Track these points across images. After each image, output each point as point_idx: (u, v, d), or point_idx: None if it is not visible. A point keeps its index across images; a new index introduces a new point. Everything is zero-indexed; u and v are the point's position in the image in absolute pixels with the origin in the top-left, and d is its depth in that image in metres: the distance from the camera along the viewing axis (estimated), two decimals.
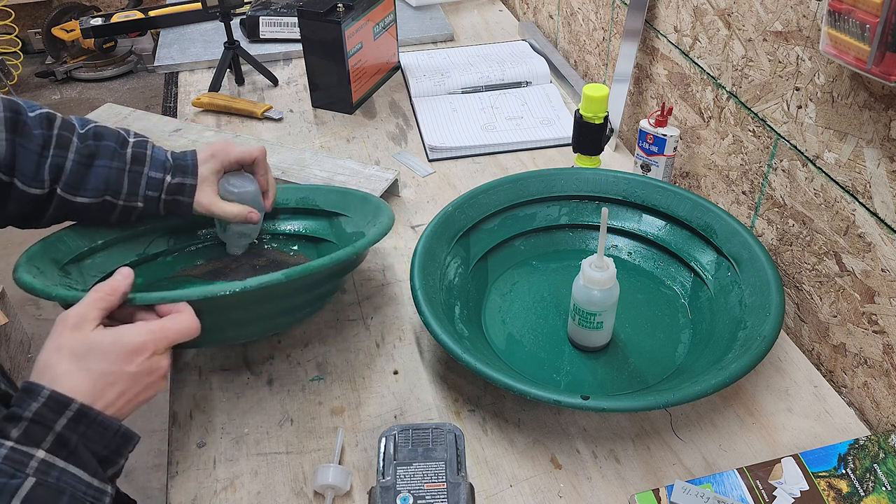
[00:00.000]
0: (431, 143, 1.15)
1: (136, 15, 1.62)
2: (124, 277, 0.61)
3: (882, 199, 0.68)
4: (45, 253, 0.76)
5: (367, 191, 0.98)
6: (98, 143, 0.76)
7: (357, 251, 0.70)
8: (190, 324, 0.60)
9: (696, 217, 0.86)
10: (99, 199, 0.76)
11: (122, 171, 0.76)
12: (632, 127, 1.15)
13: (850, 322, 0.76)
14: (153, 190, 0.78)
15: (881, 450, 0.66)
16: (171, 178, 0.79)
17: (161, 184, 0.78)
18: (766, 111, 0.83)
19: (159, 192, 0.78)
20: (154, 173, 0.78)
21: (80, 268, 0.79)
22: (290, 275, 0.64)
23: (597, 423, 0.73)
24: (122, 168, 0.76)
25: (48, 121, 0.74)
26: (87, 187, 0.75)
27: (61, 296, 0.63)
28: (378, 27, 1.26)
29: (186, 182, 0.79)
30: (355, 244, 0.71)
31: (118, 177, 0.76)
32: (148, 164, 0.78)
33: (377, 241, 0.75)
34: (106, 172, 0.75)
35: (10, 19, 3.21)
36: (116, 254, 0.84)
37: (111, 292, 0.59)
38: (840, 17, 0.62)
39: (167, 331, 0.59)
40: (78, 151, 0.74)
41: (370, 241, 0.74)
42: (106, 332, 0.57)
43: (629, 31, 1.05)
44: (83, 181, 0.75)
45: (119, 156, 0.76)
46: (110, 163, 0.76)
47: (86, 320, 0.57)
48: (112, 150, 0.76)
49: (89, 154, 0.75)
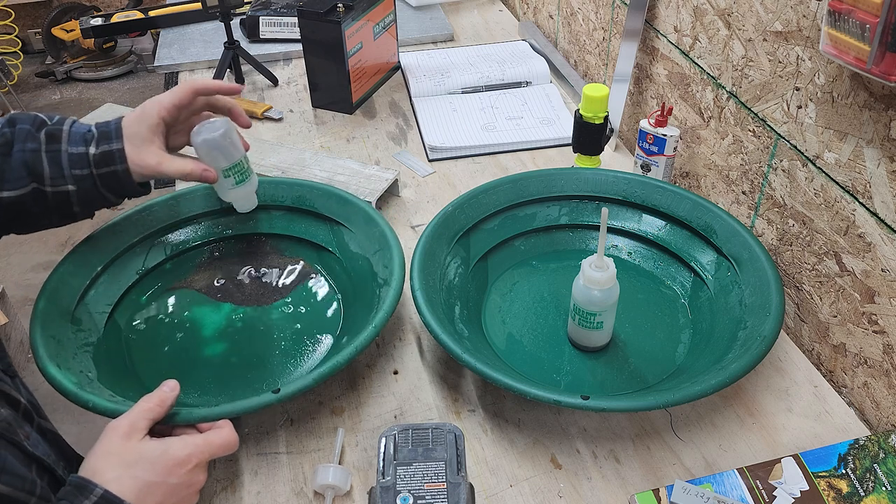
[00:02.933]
0: (431, 143, 1.15)
1: (136, 15, 1.62)
2: (171, 390, 0.63)
3: (882, 199, 0.68)
4: (52, 308, 0.76)
5: (367, 191, 0.98)
6: (12, 130, 0.71)
7: (377, 333, 0.72)
8: (230, 438, 0.62)
9: (696, 217, 0.86)
10: (27, 188, 0.70)
11: (38, 153, 0.70)
12: (632, 127, 1.15)
13: (850, 322, 0.76)
14: (79, 167, 0.71)
15: (881, 450, 0.66)
16: (95, 148, 0.72)
17: (86, 158, 0.71)
18: (766, 111, 0.83)
19: (87, 167, 0.71)
20: (74, 148, 0.71)
21: (88, 307, 0.80)
22: (319, 378, 0.67)
23: (597, 423, 0.73)
24: (37, 149, 0.70)
25: None
26: (9, 178, 0.69)
27: (99, 407, 0.65)
28: (378, 27, 1.26)
29: (113, 148, 0.72)
30: (376, 327, 0.71)
31: (35, 159, 0.70)
32: (65, 139, 0.71)
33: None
34: (22, 157, 0.69)
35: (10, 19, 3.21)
36: (117, 276, 0.84)
37: (160, 404, 0.62)
38: (840, 17, 0.62)
39: (210, 445, 0.61)
40: None
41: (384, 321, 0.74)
42: (154, 444, 0.59)
43: (629, 31, 1.05)
44: (3, 173, 0.69)
45: (33, 137, 0.70)
46: (24, 145, 0.70)
47: (136, 430, 0.59)
48: (26, 133, 0.70)
49: (4, 143, 0.70)
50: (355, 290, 0.84)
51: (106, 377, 0.73)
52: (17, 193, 0.70)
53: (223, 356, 0.79)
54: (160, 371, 0.78)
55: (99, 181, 0.72)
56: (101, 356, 0.76)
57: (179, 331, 0.83)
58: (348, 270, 0.87)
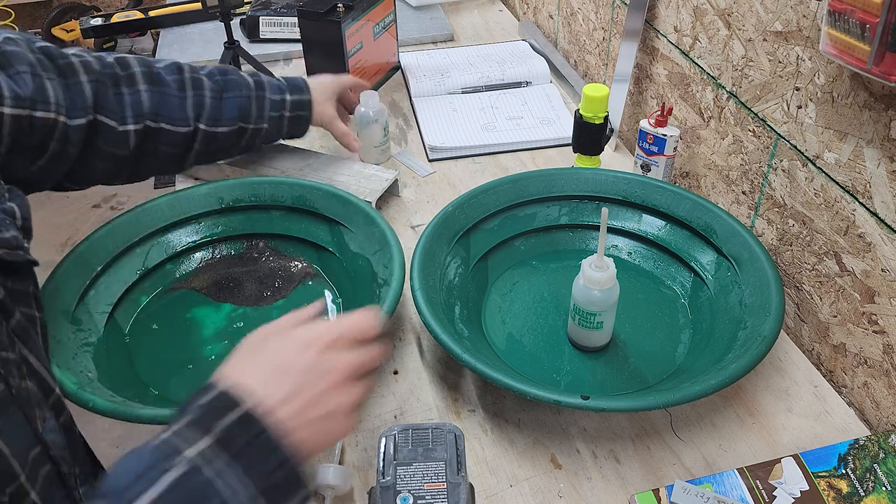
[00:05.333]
0: (431, 143, 1.15)
1: (136, 15, 1.62)
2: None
3: (882, 199, 0.68)
4: (52, 308, 0.76)
5: (367, 191, 0.98)
6: (225, 79, 0.87)
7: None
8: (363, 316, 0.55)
9: (696, 217, 0.86)
10: (235, 126, 0.87)
11: (249, 99, 0.88)
12: (632, 127, 1.15)
13: (850, 322, 0.76)
14: (275, 110, 0.91)
15: (881, 450, 0.66)
16: (290, 95, 0.92)
17: (282, 104, 0.91)
18: (766, 111, 0.83)
19: (281, 111, 0.91)
20: (274, 95, 0.91)
21: (88, 307, 0.80)
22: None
23: (597, 423, 0.73)
24: (249, 95, 0.88)
25: (177, 68, 0.84)
26: (224, 118, 0.86)
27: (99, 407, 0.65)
28: (378, 27, 1.26)
29: (304, 98, 0.93)
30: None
31: (247, 104, 0.88)
32: (267, 88, 0.90)
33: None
34: (238, 102, 0.87)
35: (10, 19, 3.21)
36: (117, 275, 0.84)
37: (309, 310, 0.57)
38: (840, 17, 0.62)
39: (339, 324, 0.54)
40: (212, 88, 0.85)
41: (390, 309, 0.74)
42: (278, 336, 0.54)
43: (629, 31, 1.05)
44: (221, 113, 0.85)
45: (245, 85, 0.88)
46: (240, 92, 0.87)
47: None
48: (237, 82, 0.88)
49: (220, 88, 0.86)
50: (355, 291, 0.84)
51: (106, 377, 0.72)
52: (228, 129, 0.87)
53: (223, 356, 0.79)
54: (160, 371, 0.78)
55: (287, 123, 0.93)
56: (101, 356, 0.76)
57: (179, 331, 0.83)
58: (348, 270, 0.87)
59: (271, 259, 0.92)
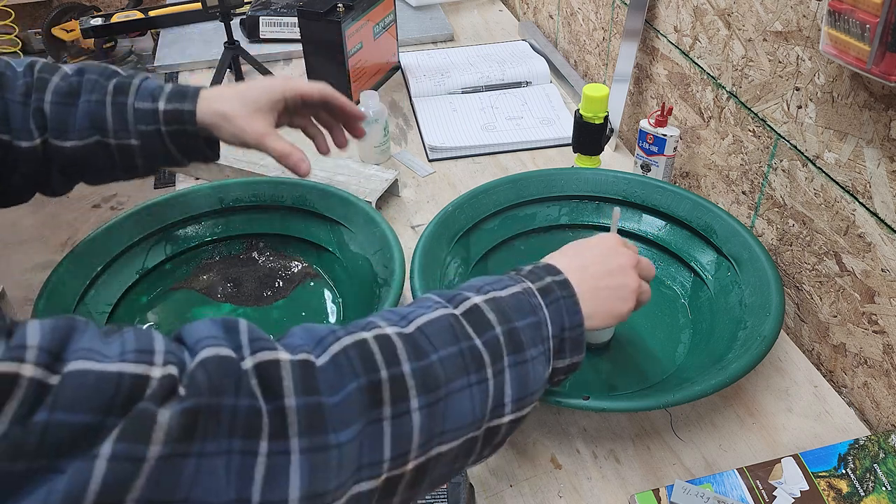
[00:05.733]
0: (431, 143, 1.15)
1: (136, 15, 1.62)
2: None
3: (882, 199, 0.68)
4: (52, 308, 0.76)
5: (367, 191, 0.98)
6: (80, 79, 0.69)
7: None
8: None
9: (696, 217, 0.86)
10: (90, 139, 0.68)
11: (102, 104, 0.68)
12: (632, 127, 1.15)
13: (850, 322, 0.76)
14: (145, 122, 0.68)
15: (881, 450, 0.66)
16: (165, 104, 0.69)
17: (154, 115, 0.69)
18: (766, 111, 0.83)
19: (155, 123, 0.69)
20: (142, 103, 0.68)
21: (88, 307, 0.80)
22: None
23: (597, 423, 0.73)
24: (101, 101, 0.68)
25: (30, 67, 0.68)
26: (72, 128, 0.67)
27: None
28: (378, 27, 1.26)
29: (184, 108, 0.69)
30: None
31: (98, 110, 0.68)
32: (133, 93, 0.69)
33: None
34: (87, 107, 0.67)
35: (10, 19, 3.21)
36: (117, 275, 0.84)
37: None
38: (840, 17, 0.62)
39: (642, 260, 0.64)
40: (56, 91, 0.67)
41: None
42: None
43: (629, 31, 1.05)
44: (67, 122, 0.67)
45: (100, 87, 0.68)
46: (90, 96, 0.68)
47: None
48: (93, 83, 0.68)
49: (70, 91, 0.68)
50: (355, 291, 0.84)
51: None
52: (81, 143, 0.68)
53: None
54: None
55: (169, 139, 0.70)
56: None
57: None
58: (348, 270, 0.87)
59: (271, 259, 0.92)
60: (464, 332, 0.48)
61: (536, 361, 0.51)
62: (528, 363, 0.50)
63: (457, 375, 0.46)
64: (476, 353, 0.47)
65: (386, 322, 0.47)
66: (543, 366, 0.52)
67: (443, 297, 0.51)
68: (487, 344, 0.48)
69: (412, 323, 0.47)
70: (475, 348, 0.47)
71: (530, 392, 0.50)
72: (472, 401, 0.46)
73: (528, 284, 0.54)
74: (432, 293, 0.52)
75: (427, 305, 0.49)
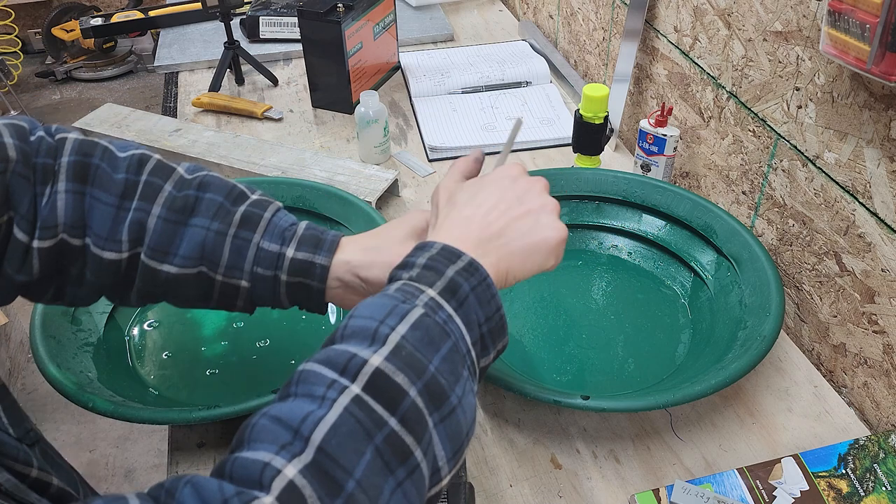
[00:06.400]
0: (431, 143, 1.15)
1: (136, 15, 1.62)
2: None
3: (882, 199, 0.68)
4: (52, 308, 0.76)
5: (367, 191, 0.98)
6: (200, 195, 0.57)
7: None
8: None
9: (696, 217, 0.86)
10: (193, 269, 0.57)
11: (223, 236, 0.57)
12: (632, 127, 1.15)
13: (850, 322, 0.76)
14: (265, 266, 0.57)
15: (881, 450, 0.66)
16: (296, 251, 0.58)
17: (277, 259, 0.58)
18: (766, 111, 0.83)
19: (274, 269, 0.58)
20: (269, 244, 0.57)
21: (88, 308, 0.80)
22: None
23: (597, 423, 0.73)
24: (223, 231, 0.57)
25: (138, 163, 0.57)
26: (176, 253, 0.56)
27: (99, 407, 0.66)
28: (378, 27, 1.26)
29: (317, 261, 0.58)
30: None
31: (217, 242, 0.57)
32: (262, 230, 0.58)
33: None
34: (202, 235, 0.56)
35: (10, 19, 3.21)
36: None
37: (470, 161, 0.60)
38: (840, 17, 0.62)
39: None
40: (169, 205, 0.56)
41: None
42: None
43: (629, 31, 1.05)
44: (171, 244, 0.56)
45: (224, 213, 0.57)
46: (210, 223, 0.57)
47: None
48: (217, 206, 0.57)
49: (184, 208, 0.57)
50: None
51: (106, 377, 0.73)
52: (180, 272, 0.57)
53: (223, 356, 0.79)
54: (160, 371, 0.78)
55: (285, 290, 0.59)
56: (101, 356, 0.76)
57: (179, 331, 0.83)
58: None
59: None
60: (375, 420, 0.39)
61: (464, 396, 0.43)
62: (457, 408, 0.43)
63: (383, 483, 0.38)
64: (397, 442, 0.39)
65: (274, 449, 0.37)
66: (471, 391, 0.45)
67: (334, 369, 0.40)
68: (406, 420, 0.40)
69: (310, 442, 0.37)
70: (393, 436, 0.39)
71: (465, 436, 0.44)
72: (408, 497, 0.39)
73: (428, 295, 0.45)
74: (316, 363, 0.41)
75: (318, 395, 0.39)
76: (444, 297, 0.45)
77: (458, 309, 0.45)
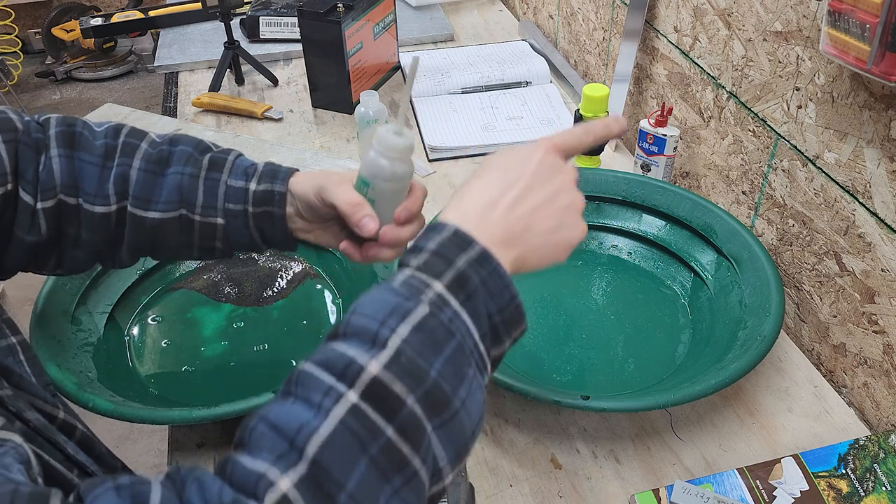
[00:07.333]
0: (431, 143, 1.15)
1: (136, 15, 1.62)
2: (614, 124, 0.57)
3: (882, 199, 0.68)
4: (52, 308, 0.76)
5: None
6: (172, 149, 0.65)
7: None
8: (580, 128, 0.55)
9: (696, 217, 0.86)
10: (174, 213, 0.63)
11: (196, 178, 0.64)
12: (632, 127, 1.15)
13: (850, 322, 0.76)
14: (234, 201, 0.64)
15: (881, 450, 0.66)
16: (257, 185, 0.64)
17: (245, 194, 0.64)
18: (766, 111, 0.83)
19: (243, 203, 0.64)
20: (234, 181, 0.64)
21: (88, 307, 0.80)
22: None
23: (597, 423, 0.73)
24: (195, 174, 0.64)
25: (114, 130, 0.65)
26: (158, 199, 0.63)
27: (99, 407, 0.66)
28: (378, 27, 1.26)
29: (275, 189, 0.64)
30: None
31: (192, 184, 0.63)
32: (228, 170, 0.65)
33: None
34: (178, 179, 0.63)
35: (10, 19, 3.21)
36: (117, 276, 0.84)
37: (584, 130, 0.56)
38: (840, 17, 0.62)
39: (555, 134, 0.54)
40: (146, 157, 0.63)
41: None
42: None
43: (629, 31, 1.05)
44: (153, 191, 0.63)
45: (194, 160, 0.64)
46: (183, 168, 0.64)
47: None
48: (187, 156, 0.64)
49: (160, 160, 0.64)
50: (355, 291, 0.84)
51: (106, 377, 0.73)
52: (164, 216, 0.63)
53: (223, 356, 0.79)
54: (160, 371, 0.78)
55: (252, 221, 0.65)
56: (101, 356, 0.76)
57: (179, 331, 0.83)
58: (348, 271, 0.86)
59: (271, 259, 0.92)
60: (371, 430, 0.39)
61: (469, 396, 0.43)
62: (459, 411, 0.42)
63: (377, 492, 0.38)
64: (393, 452, 0.39)
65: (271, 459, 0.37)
66: (479, 388, 0.44)
67: (332, 373, 0.40)
68: (403, 429, 0.39)
69: (304, 455, 0.37)
70: (390, 445, 0.39)
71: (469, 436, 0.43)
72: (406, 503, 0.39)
73: (434, 291, 0.44)
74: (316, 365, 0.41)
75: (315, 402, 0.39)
76: (451, 290, 0.44)
77: (465, 302, 0.44)
